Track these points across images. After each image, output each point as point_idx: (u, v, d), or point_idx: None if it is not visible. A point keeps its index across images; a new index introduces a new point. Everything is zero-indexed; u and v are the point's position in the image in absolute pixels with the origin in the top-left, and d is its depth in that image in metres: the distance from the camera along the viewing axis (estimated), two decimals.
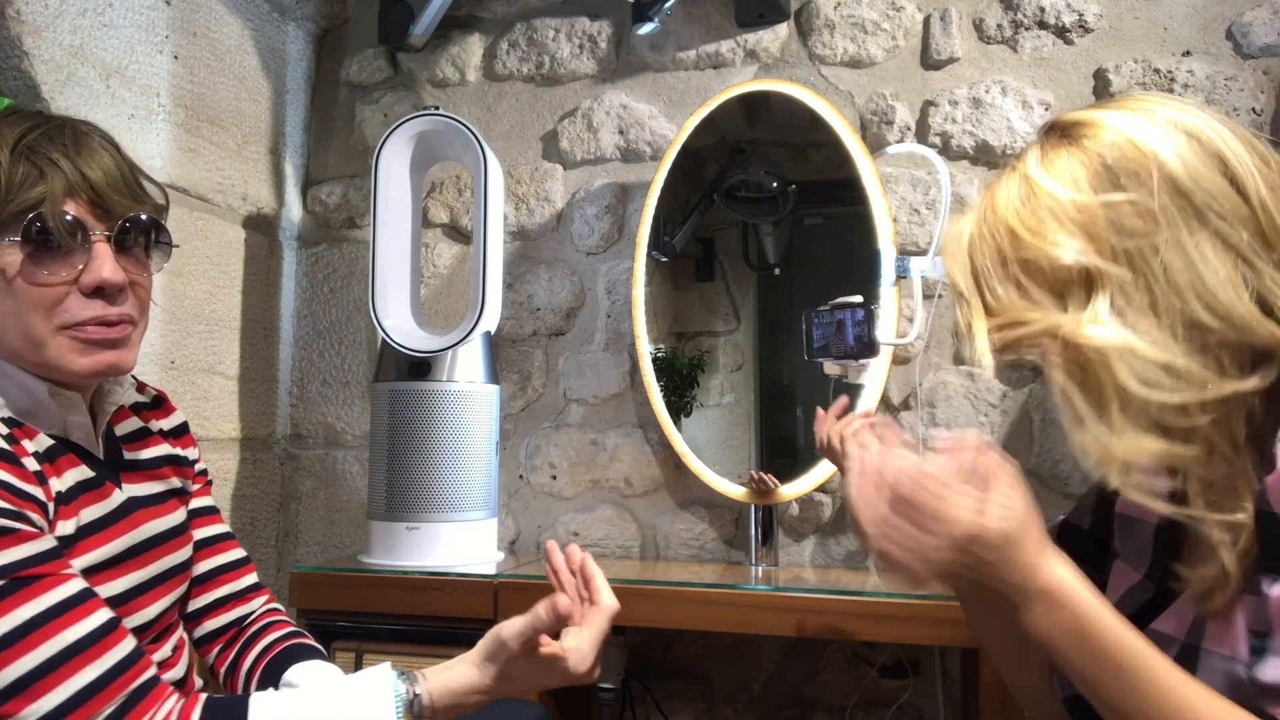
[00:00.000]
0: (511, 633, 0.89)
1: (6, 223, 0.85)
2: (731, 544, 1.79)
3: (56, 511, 0.87)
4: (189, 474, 1.12)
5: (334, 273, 2.03)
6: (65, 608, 0.81)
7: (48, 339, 0.87)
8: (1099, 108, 0.77)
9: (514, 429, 1.91)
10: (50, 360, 0.88)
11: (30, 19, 1.38)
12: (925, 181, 1.74)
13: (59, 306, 0.87)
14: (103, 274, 0.87)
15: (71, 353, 0.88)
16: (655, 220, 1.78)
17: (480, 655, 0.91)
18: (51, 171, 0.86)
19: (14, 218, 0.84)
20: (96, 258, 0.88)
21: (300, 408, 2.02)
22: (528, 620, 0.88)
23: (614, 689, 1.65)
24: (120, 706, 0.80)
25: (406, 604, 1.51)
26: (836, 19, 1.79)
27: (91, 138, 0.91)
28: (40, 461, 0.87)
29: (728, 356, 1.83)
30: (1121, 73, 1.66)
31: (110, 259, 0.88)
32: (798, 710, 1.78)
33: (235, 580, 1.13)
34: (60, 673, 0.79)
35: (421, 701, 0.87)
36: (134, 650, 0.85)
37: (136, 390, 1.11)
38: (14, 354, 0.89)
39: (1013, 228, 0.74)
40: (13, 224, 0.85)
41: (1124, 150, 0.71)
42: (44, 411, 0.92)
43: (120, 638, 0.84)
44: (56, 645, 0.79)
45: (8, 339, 0.88)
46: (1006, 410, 1.68)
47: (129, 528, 0.96)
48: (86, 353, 0.89)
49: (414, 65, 2.02)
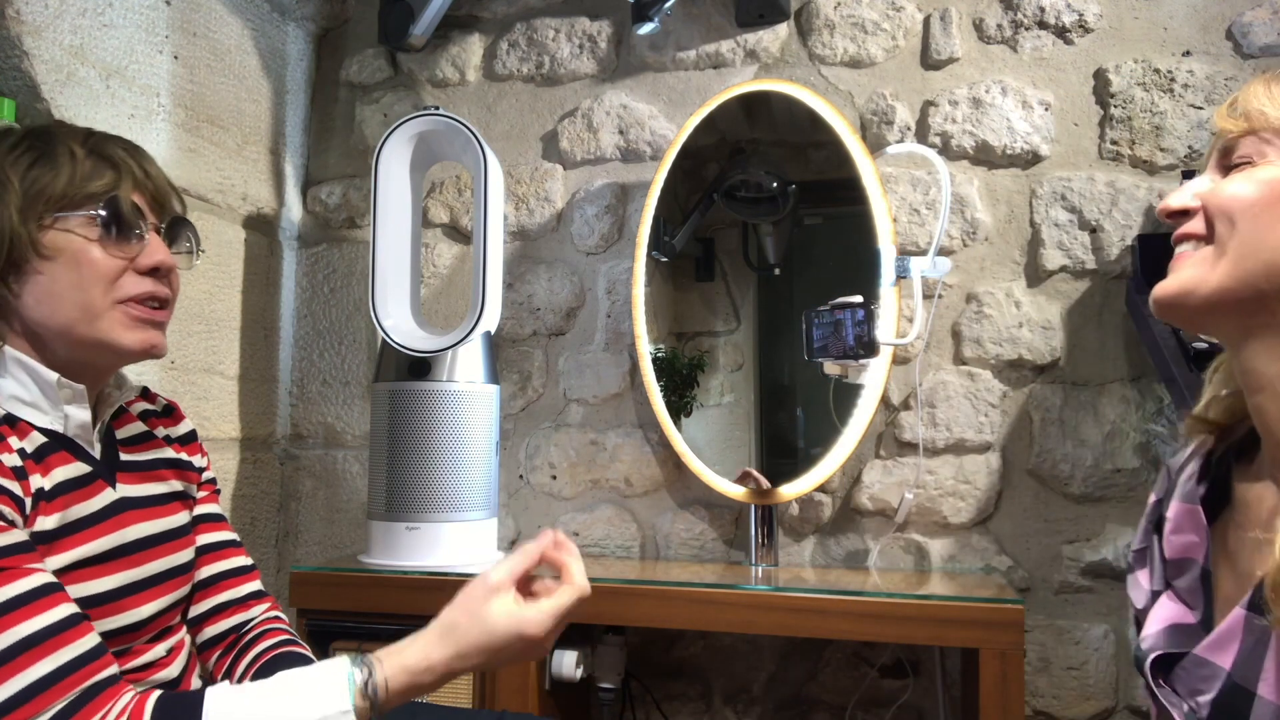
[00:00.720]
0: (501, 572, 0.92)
1: (80, 203, 0.94)
2: (731, 544, 1.79)
3: (35, 507, 0.88)
4: (193, 479, 1.13)
5: (334, 273, 2.03)
6: (23, 601, 0.82)
7: (104, 311, 0.95)
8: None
9: (514, 429, 1.91)
10: (102, 332, 0.95)
11: (30, 19, 1.38)
12: (925, 181, 1.74)
13: (117, 282, 0.96)
14: (158, 256, 0.99)
15: (122, 327, 0.96)
16: (655, 220, 1.78)
17: (440, 628, 0.91)
18: (122, 165, 0.97)
19: (87, 199, 0.94)
20: (151, 244, 0.98)
21: (300, 408, 2.02)
22: (519, 559, 0.93)
23: (614, 689, 1.65)
24: (72, 702, 0.81)
25: (406, 604, 1.51)
26: (836, 19, 1.79)
27: (142, 149, 1.03)
28: (24, 459, 0.89)
29: (728, 356, 1.83)
30: (1121, 73, 1.66)
31: (163, 246, 1.00)
32: (798, 710, 1.77)
33: (236, 587, 1.13)
34: (13, 665, 0.79)
35: (375, 683, 0.87)
36: (94, 648, 0.85)
37: (147, 399, 1.13)
38: (62, 329, 0.94)
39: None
40: (87, 203, 0.94)
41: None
42: (47, 403, 0.94)
43: (80, 634, 0.84)
44: (11, 638, 0.80)
45: (61, 311, 0.94)
46: (1006, 410, 1.68)
47: (117, 526, 0.97)
48: (135, 328, 0.97)
49: (414, 65, 2.02)
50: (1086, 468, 1.63)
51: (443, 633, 0.90)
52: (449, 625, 0.91)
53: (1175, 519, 0.82)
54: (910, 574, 1.66)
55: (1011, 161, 1.71)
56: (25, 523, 0.86)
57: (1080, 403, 1.65)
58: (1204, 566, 0.78)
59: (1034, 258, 1.69)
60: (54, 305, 0.93)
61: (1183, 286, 0.73)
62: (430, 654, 0.90)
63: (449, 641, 0.90)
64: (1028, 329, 1.67)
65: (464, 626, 0.91)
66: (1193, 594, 0.79)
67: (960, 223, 1.72)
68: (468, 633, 0.90)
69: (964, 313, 1.71)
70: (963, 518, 1.69)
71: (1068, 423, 1.65)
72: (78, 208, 0.94)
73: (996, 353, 1.69)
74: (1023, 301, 1.68)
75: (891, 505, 1.70)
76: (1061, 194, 1.68)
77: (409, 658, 0.89)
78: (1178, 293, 0.73)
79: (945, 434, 1.70)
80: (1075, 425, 1.65)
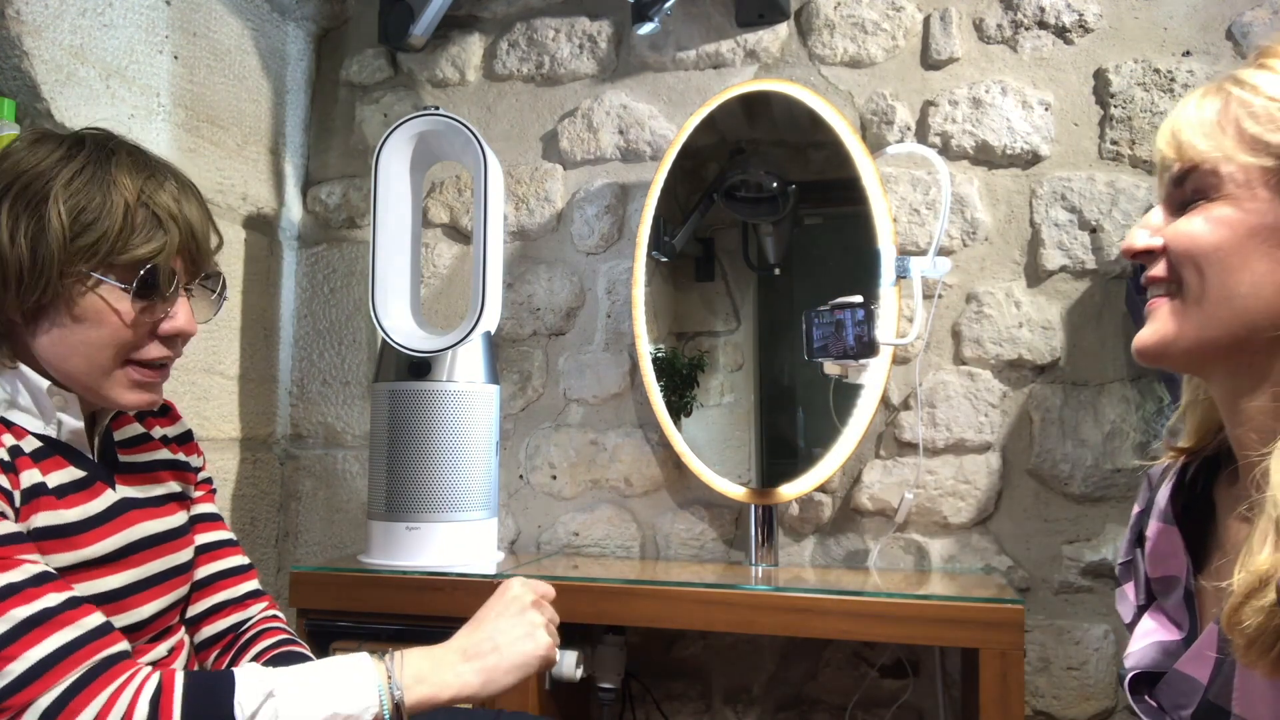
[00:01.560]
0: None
1: (119, 267, 0.90)
2: (731, 544, 1.79)
3: (25, 501, 0.88)
4: (190, 479, 1.13)
5: (334, 273, 2.03)
6: (20, 587, 0.82)
7: (112, 370, 0.94)
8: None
9: (514, 429, 1.91)
10: (105, 388, 0.94)
11: (30, 19, 1.38)
12: (925, 181, 1.74)
13: (134, 341, 0.94)
14: (181, 324, 0.97)
15: (124, 387, 0.95)
16: (655, 220, 1.77)
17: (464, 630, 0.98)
18: (169, 224, 0.93)
19: (129, 266, 0.91)
20: (178, 310, 0.97)
21: (300, 408, 2.02)
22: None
23: (614, 689, 1.65)
24: (84, 675, 0.80)
25: (406, 604, 1.51)
26: (836, 19, 1.79)
27: (190, 186, 0.99)
28: (16, 456, 0.89)
29: (728, 356, 1.83)
30: (1121, 73, 1.66)
31: (188, 310, 0.98)
32: (798, 710, 1.78)
33: (234, 586, 1.14)
34: (20, 643, 0.79)
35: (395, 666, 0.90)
36: (100, 625, 0.85)
37: None
38: (67, 375, 0.93)
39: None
40: (125, 270, 0.91)
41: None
42: (41, 409, 0.94)
43: (84, 614, 0.84)
44: (12, 619, 0.80)
45: (70, 361, 0.92)
46: (1006, 410, 1.68)
47: (121, 527, 0.97)
48: (135, 390, 0.96)
49: (414, 65, 2.02)
50: (1086, 468, 1.63)
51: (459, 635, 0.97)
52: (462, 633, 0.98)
53: (1154, 538, 0.82)
54: (910, 574, 1.66)
55: (1011, 161, 1.71)
56: (17, 517, 0.86)
57: (1080, 403, 1.65)
58: (1186, 586, 0.77)
59: (1034, 258, 1.69)
60: (66, 353, 0.92)
61: (1161, 340, 0.72)
62: (435, 652, 0.94)
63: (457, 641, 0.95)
64: (1028, 329, 1.67)
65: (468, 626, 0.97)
66: (1178, 611, 0.78)
67: (960, 223, 1.72)
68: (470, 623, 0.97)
69: (964, 313, 1.71)
70: (963, 518, 1.69)
71: (1068, 423, 1.65)
72: (117, 273, 0.91)
73: (996, 353, 1.69)
74: (1023, 301, 1.68)
75: (891, 505, 1.70)
76: (1061, 194, 1.68)
77: (423, 648, 0.94)
78: (1157, 346, 0.73)
79: (945, 434, 1.70)
80: (1075, 425, 1.65)
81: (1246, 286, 0.67)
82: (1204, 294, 0.69)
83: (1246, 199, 0.67)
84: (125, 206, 0.90)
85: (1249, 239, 0.67)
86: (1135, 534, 0.88)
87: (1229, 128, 0.68)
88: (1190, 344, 0.71)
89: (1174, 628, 0.78)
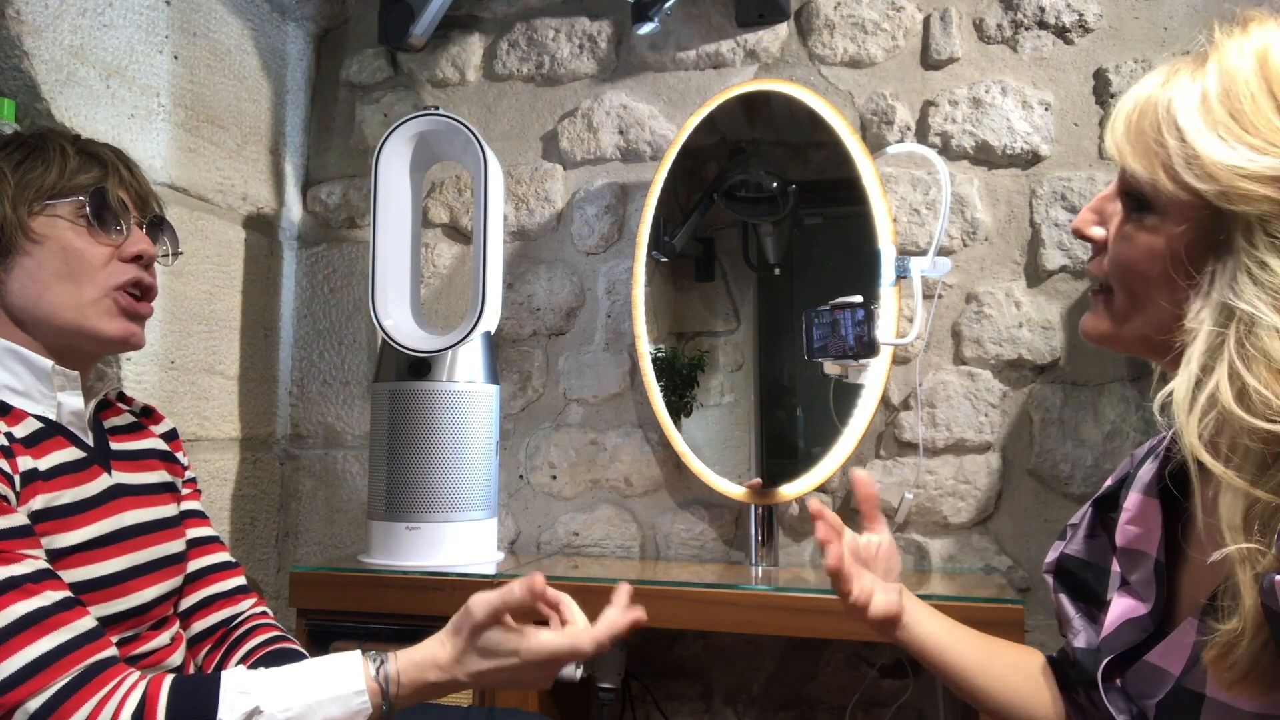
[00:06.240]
0: (480, 601, 0.90)
1: (68, 192, 0.99)
2: (731, 544, 1.79)
3: (27, 484, 0.89)
4: (179, 472, 1.15)
5: (334, 273, 2.03)
6: (18, 583, 0.82)
7: (90, 299, 0.99)
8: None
9: (514, 429, 1.91)
10: (86, 319, 0.99)
11: (30, 19, 1.38)
12: (925, 181, 1.74)
13: (104, 270, 1.00)
14: (141, 245, 1.03)
15: (106, 315, 1.00)
16: (655, 220, 1.78)
17: (448, 629, 0.93)
18: (109, 163, 1.03)
19: (75, 190, 0.99)
20: (134, 235, 1.03)
21: (300, 408, 2.02)
22: (499, 593, 0.90)
23: (614, 689, 1.65)
24: (74, 680, 0.81)
25: (406, 604, 1.51)
26: (836, 19, 1.79)
27: (127, 154, 1.08)
28: (13, 441, 0.90)
29: (728, 356, 1.83)
30: (1121, 73, 1.66)
31: (145, 238, 1.05)
32: (798, 710, 1.77)
33: (223, 580, 1.15)
34: (13, 643, 0.80)
35: (388, 672, 0.89)
36: (93, 629, 0.86)
37: (125, 403, 1.15)
38: (46, 315, 0.97)
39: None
40: (75, 193, 0.99)
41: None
42: (39, 391, 0.96)
43: (78, 615, 0.85)
44: (8, 616, 0.80)
45: (46, 297, 0.97)
46: (1006, 410, 1.68)
47: (115, 511, 0.99)
48: (117, 317, 1.01)
49: (414, 65, 2.02)
50: (1086, 468, 1.63)
51: (453, 630, 0.92)
52: (457, 625, 0.92)
53: (1132, 508, 0.84)
54: (910, 574, 1.66)
55: (1011, 161, 1.71)
56: (18, 500, 0.88)
57: (1080, 403, 1.65)
58: (1157, 559, 0.80)
59: (1034, 258, 1.69)
60: (40, 290, 0.96)
61: (1097, 331, 0.80)
62: (437, 652, 0.91)
63: (457, 640, 0.92)
64: (1028, 329, 1.67)
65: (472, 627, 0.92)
66: (1145, 586, 0.80)
67: (960, 223, 1.72)
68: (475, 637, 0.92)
69: (964, 313, 1.71)
70: (963, 518, 1.69)
71: (1068, 423, 1.65)
72: (66, 196, 0.98)
73: (996, 353, 1.69)
74: (1023, 301, 1.68)
75: (891, 505, 1.70)
76: (1061, 194, 1.68)
77: (417, 653, 0.91)
78: (1096, 336, 0.80)
79: (945, 434, 1.70)
80: (1075, 425, 1.65)
81: (1149, 311, 0.74)
82: (1123, 304, 0.77)
83: (1173, 222, 0.71)
84: (62, 150, 1.00)
85: (1166, 267, 0.71)
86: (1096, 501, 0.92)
87: (1160, 152, 0.71)
88: (1122, 339, 0.78)
89: (1139, 604, 0.80)
